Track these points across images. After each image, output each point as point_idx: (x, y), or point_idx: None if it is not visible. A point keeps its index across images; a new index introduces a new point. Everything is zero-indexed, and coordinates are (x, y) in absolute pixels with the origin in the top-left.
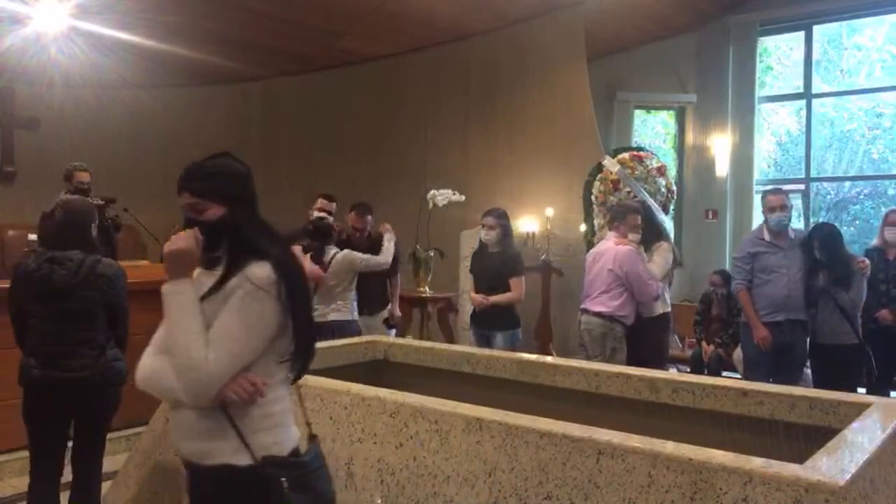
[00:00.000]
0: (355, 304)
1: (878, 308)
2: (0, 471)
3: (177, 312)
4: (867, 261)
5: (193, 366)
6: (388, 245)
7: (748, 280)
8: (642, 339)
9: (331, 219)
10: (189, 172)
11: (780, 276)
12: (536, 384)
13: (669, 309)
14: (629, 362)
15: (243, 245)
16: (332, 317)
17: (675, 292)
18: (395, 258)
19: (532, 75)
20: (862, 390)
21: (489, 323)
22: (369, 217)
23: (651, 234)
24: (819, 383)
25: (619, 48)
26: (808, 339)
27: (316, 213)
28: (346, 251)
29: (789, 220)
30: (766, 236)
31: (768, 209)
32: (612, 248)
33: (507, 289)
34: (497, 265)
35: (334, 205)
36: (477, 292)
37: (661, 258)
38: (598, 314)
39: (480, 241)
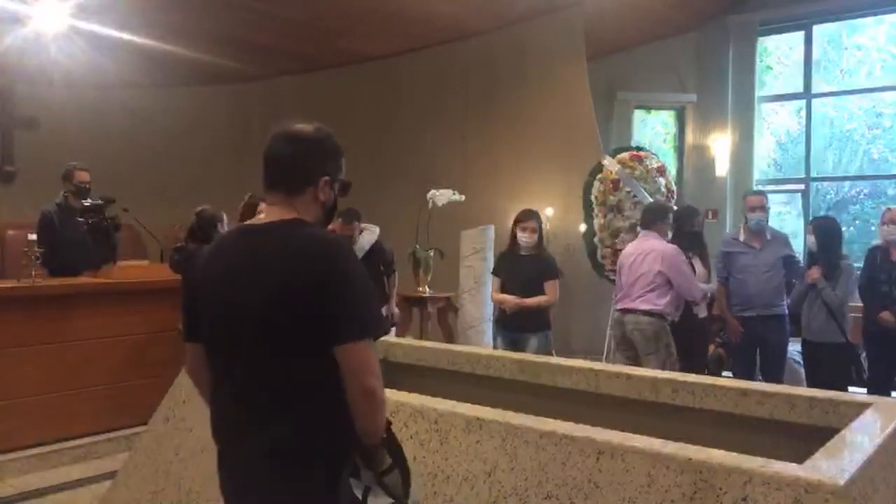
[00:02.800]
0: None
1: (879, 309)
2: (0, 471)
3: None
4: (816, 275)
5: None
6: (364, 238)
7: (724, 277)
8: (694, 339)
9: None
10: None
11: (749, 275)
12: (536, 384)
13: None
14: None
15: None
16: None
17: None
18: (390, 258)
19: (532, 75)
20: (853, 389)
21: (522, 326)
22: (357, 223)
23: (695, 240)
24: (809, 381)
25: (619, 48)
26: (786, 334)
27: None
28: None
29: (767, 221)
30: (742, 237)
31: (749, 209)
32: (657, 247)
33: (541, 292)
34: (533, 268)
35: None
36: (507, 294)
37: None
38: (648, 312)
39: (515, 242)
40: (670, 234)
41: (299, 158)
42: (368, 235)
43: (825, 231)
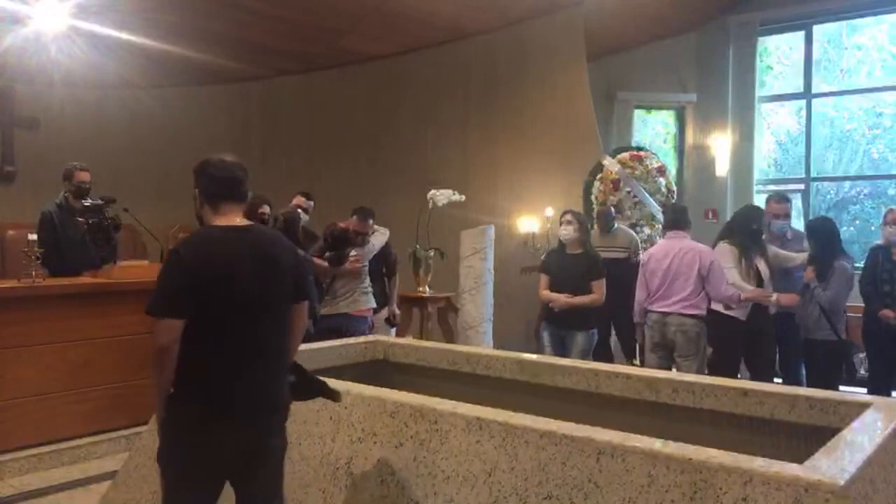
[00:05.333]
0: (370, 295)
1: (880, 308)
2: (0, 471)
3: None
4: (811, 275)
5: None
6: (375, 239)
7: None
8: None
9: (306, 217)
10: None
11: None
12: (536, 384)
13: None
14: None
15: None
16: (347, 309)
17: None
18: (394, 260)
19: (532, 75)
20: (845, 387)
21: (569, 324)
22: (371, 221)
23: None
24: (807, 377)
25: (619, 48)
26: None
27: (296, 205)
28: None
29: (789, 227)
30: (764, 237)
31: (772, 216)
32: (695, 247)
33: (588, 290)
34: (581, 267)
35: (311, 203)
36: (554, 292)
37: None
38: (694, 317)
39: (560, 240)
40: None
41: (245, 181)
42: (381, 237)
43: (819, 232)
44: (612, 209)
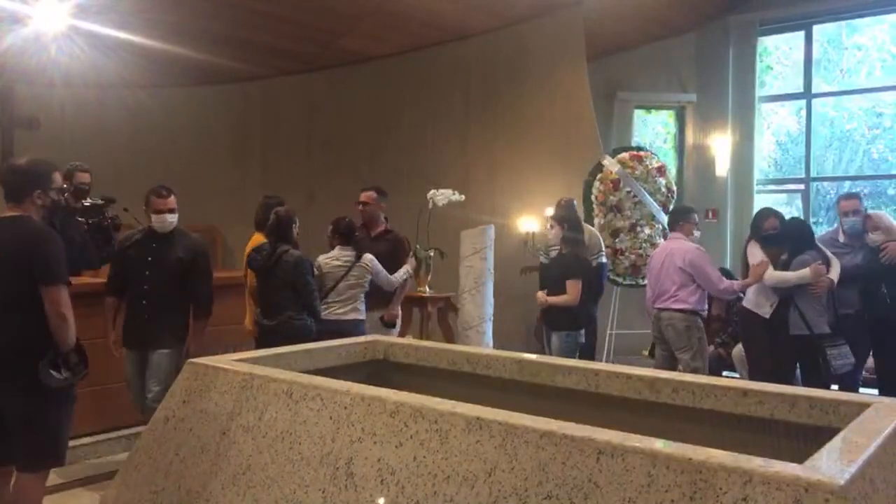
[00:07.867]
0: (364, 306)
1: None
2: None
3: None
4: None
5: None
6: (404, 271)
7: None
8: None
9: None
10: None
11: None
12: (536, 384)
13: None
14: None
15: None
16: (350, 316)
17: None
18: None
19: (532, 75)
20: (835, 386)
21: (549, 323)
22: (383, 203)
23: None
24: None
25: (619, 48)
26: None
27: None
28: (371, 257)
29: (862, 223)
30: (841, 238)
31: (842, 213)
32: (681, 246)
33: (565, 290)
34: (558, 267)
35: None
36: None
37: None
38: (681, 310)
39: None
40: (697, 234)
41: (17, 181)
42: (405, 271)
43: (793, 232)
44: (574, 202)
